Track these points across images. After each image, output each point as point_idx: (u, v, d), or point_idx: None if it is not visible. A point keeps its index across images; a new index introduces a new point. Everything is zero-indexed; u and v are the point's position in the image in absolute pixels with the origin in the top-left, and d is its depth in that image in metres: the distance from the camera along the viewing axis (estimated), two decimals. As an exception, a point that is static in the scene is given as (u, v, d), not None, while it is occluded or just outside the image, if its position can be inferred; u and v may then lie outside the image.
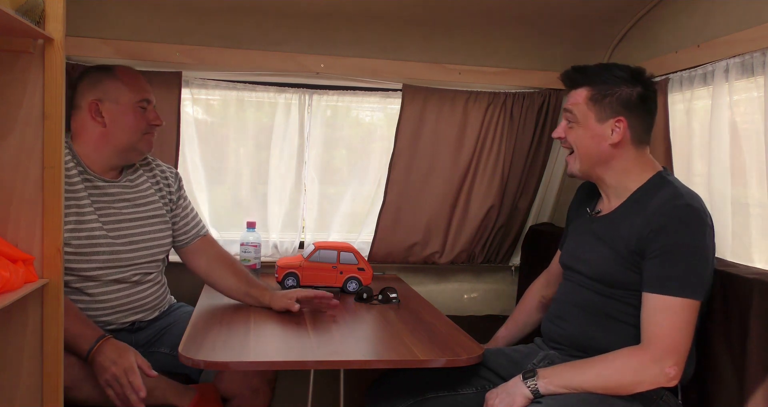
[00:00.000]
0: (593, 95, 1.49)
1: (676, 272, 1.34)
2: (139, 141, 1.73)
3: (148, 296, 1.79)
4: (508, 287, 2.63)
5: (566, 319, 1.58)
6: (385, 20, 2.08)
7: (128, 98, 1.71)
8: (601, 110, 1.48)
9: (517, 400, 1.39)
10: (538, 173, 2.44)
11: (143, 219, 1.78)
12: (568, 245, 1.69)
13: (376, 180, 2.43)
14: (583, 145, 1.51)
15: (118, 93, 1.70)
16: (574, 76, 1.54)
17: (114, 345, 1.52)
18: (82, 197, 1.66)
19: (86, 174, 1.69)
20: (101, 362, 1.48)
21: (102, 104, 1.69)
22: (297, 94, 2.28)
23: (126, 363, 1.48)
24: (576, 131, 1.52)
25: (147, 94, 1.75)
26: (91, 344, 1.50)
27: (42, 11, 1.16)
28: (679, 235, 1.35)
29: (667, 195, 1.40)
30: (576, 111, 1.51)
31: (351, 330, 1.68)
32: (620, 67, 1.50)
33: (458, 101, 2.30)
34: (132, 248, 1.73)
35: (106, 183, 1.73)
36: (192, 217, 1.91)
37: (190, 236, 1.89)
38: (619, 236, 1.45)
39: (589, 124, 1.50)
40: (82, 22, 1.94)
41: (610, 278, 1.47)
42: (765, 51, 1.55)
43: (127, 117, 1.70)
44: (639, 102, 1.48)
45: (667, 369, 1.31)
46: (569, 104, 1.54)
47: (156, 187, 1.85)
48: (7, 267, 1.09)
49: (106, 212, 1.71)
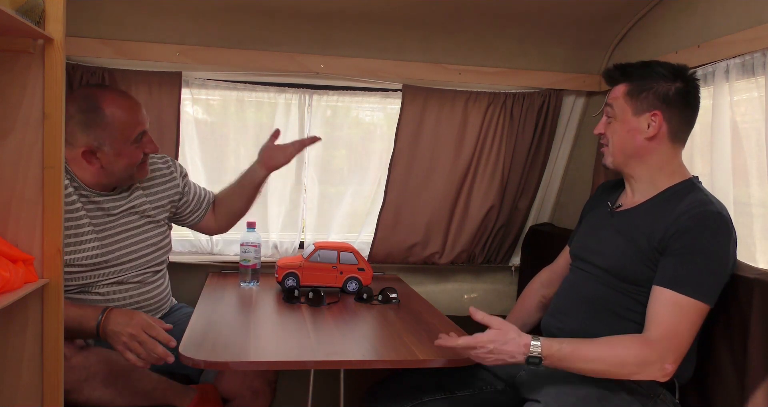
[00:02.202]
0: (630, 90, 1.51)
1: (694, 273, 1.34)
2: (136, 172, 1.72)
3: (150, 297, 1.79)
4: (508, 288, 2.63)
5: (568, 314, 1.58)
6: (385, 20, 2.08)
7: (123, 140, 1.64)
8: (638, 103, 1.50)
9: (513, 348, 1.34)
10: (538, 173, 2.43)
11: (140, 226, 1.78)
12: (580, 237, 1.70)
13: (376, 180, 2.43)
14: (618, 138, 1.53)
15: (112, 139, 1.62)
16: (614, 73, 1.57)
17: (121, 310, 1.52)
18: (80, 217, 1.66)
19: (82, 189, 1.68)
20: (113, 328, 1.46)
21: (96, 149, 1.62)
22: (297, 94, 2.28)
23: (141, 320, 1.47)
24: (613, 125, 1.54)
25: (141, 126, 1.67)
26: (97, 318, 1.49)
27: (42, 11, 1.16)
28: (705, 239, 1.36)
29: (698, 200, 1.41)
30: (615, 106, 1.53)
31: (351, 330, 1.67)
32: (661, 64, 1.52)
33: (458, 101, 2.30)
34: (133, 257, 1.74)
35: (101, 197, 1.71)
36: (199, 196, 1.98)
37: (201, 213, 1.99)
38: (641, 230, 1.46)
39: (625, 117, 1.51)
40: (82, 22, 1.94)
41: (623, 270, 1.47)
42: (765, 51, 1.55)
43: (122, 158, 1.65)
44: (677, 97, 1.49)
45: (667, 364, 1.32)
46: (609, 99, 1.56)
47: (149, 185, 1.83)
48: (7, 267, 1.09)
49: (104, 226, 1.71)
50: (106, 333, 1.47)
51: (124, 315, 1.49)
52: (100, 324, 1.48)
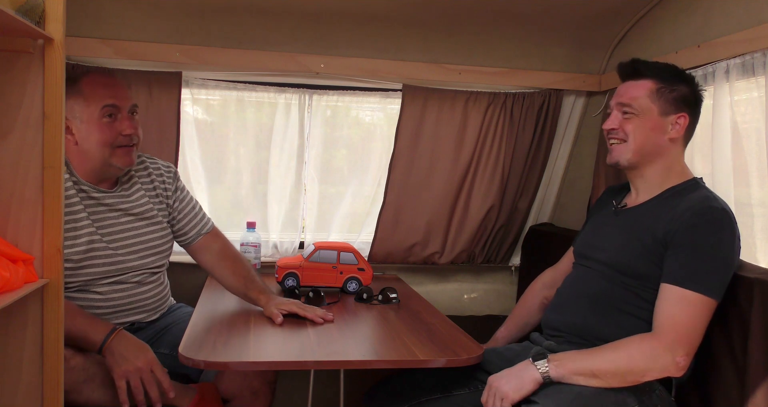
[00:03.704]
0: (660, 89, 1.50)
1: (701, 269, 1.35)
2: (111, 156, 1.64)
3: (149, 297, 1.78)
4: (508, 288, 2.63)
5: (568, 306, 1.59)
6: (385, 20, 2.08)
7: (90, 112, 1.60)
8: (666, 104, 1.50)
9: (527, 383, 1.39)
10: (538, 173, 2.43)
11: (141, 228, 1.77)
12: (585, 235, 1.71)
13: (376, 180, 2.43)
14: (641, 135, 1.51)
15: (80, 109, 1.60)
16: (638, 66, 1.54)
17: (133, 339, 1.52)
18: (78, 211, 1.64)
19: (81, 184, 1.66)
20: (122, 352, 1.46)
21: (70, 122, 1.60)
22: (297, 94, 2.28)
23: (153, 359, 1.48)
24: (634, 121, 1.51)
25: (110, 100, 1.62)
26: (105, 334, 1.49)
27: (42, 11, 1.16)
28: (710, 235, 1.37)
29: (702, 197, 1.43)
30: (637, 104, 1.51)
31: (351, 331, 1.67)
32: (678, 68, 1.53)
33: (458, 101, 2.30)
34: (132, 258, 1.73)
35: (101, 194, 1.70)
36: (193, 215, 1.88)
37: (192, 235, 1.86)
38: (645, 226, 1.47)
39: (651, 116, 1.50)
40: (82, 22, 1.94)
41: (627, 266, 1.48)
42: (765, 51, 1.55)
43: (92, 133, 1.61)
44: (695, 102, 1.52)
45: (678, 358, 1.32)
46: (628, 98, 1.52)
47: (151, 189, 1.82)
48: (7, 267, 1.09)
49: (103, 223, 1.69)
50: (112, 352, 1.47)
51: (136, 345, 1.49)
52: (107, 340, 1.48)
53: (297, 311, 1.67)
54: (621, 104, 1.54)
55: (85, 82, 1.63)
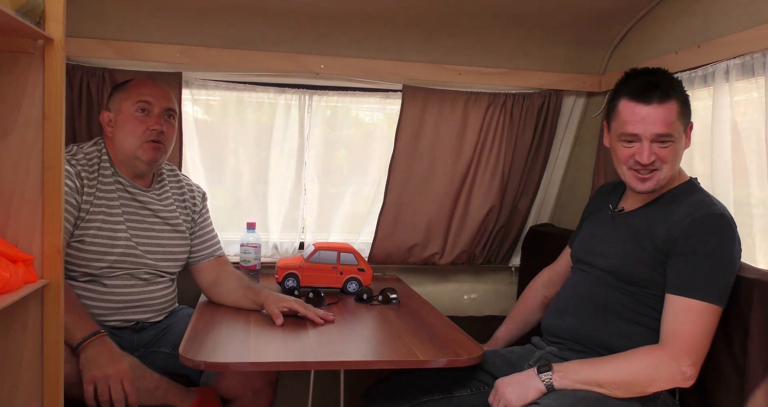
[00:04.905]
0: (682, 110, 1.44)
1: (704, 276, 1.34)
2: (138, 148, 1.72)
3: (156, 297, 1.79)
4: (508, 288, 2.63)
5: (569, 313, 1.58)
6: (385, 20, 2.08)
7: (127, 105, 1.73)
8: (685, 119, 1.46)
9: (530, 393, 1.39)
10: (538, 173, 2.43)
11: (165, 231, 1.80)
12: (582, 240, 1.70)
13: (376, 180, 2.42)
14: (677, 158, 1.45)
15: (120, 102, 1.75)
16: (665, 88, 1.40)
17: (111, 346, 1.51)
18: (113, 198, 1.71)
19: (118, 176, 1.74)
20: (94, 357, 1.46)
21: (111, 114, 1.75)
22: (297, 94, 2.28)
23: (125, 369, 1.47)
24: (671, 148, 1.42)
25: (145, 96, 1.74)
26: (86, 334, 1.49)
27: (42, 12, 1.16)
28: (711, 242, 1.36)
29: (700, 202, 1.41)
30: (674, 130, 1.41)
31: (351, 331, 1.67)
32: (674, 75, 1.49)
33: (458, 102, 2.30)
34: (149, 257, 1.75)
35: (137, 190, 1.77)
36: (209, 238, 1.93)
37: (203, 256, 1.90)
38: (644, 232, 1.46)
39: (681, 136, 1.45)
40: (82, 23, 1.93)
41: (626, 272, 1.47)
42: (765, 51, 1.55)
43: (126, 124, 1.73)
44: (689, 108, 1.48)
45: (684, 367, 1.31)
46: (664, 127, 1.39)
47: (181, 201, 1.88)
48: (7, 268, 1.09)
49: (132, 217, 1.74)
50: (86, 354, 1.46)
51: (111, 353, 1.49)
52: (85, 341, 1.47)
53: (298, 308, 1.67)
54: (658, 135, 1.40)
55: (133, 82, 1.79)
